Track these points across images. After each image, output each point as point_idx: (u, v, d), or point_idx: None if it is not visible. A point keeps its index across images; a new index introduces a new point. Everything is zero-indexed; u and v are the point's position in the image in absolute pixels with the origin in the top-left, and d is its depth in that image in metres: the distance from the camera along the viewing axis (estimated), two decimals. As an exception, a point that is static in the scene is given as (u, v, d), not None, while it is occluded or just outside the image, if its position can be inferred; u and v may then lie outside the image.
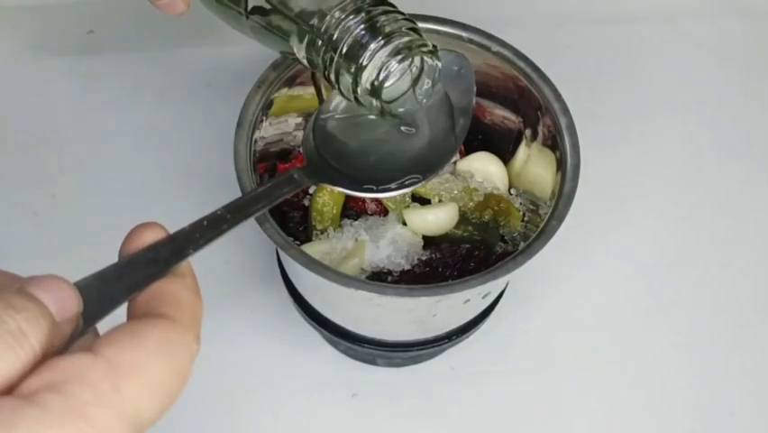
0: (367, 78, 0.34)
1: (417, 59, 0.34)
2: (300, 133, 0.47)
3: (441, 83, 0.37)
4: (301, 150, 0.47)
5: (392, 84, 0.34)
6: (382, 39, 0.33)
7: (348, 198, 0.45)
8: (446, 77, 0.38)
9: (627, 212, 0.55)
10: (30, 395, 0.21)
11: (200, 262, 0.54)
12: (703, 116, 0.59)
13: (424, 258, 0.43)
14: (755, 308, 0.52)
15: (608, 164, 0.55)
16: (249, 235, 0.52)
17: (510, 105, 0.45)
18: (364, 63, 0.33)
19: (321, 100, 0.45)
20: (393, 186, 0.37)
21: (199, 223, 0.30)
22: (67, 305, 0.24)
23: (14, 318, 0.22)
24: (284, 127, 0.46)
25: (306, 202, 0.46)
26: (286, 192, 0.34)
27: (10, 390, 0.21)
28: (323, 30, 0.34)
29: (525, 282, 0.50)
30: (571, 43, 0.61)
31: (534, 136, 0.44)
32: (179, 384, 0.25)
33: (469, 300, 0.41)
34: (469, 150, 0.47)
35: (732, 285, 0.53)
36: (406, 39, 0.33)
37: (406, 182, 0.37)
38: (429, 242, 0.44)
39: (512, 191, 0.46)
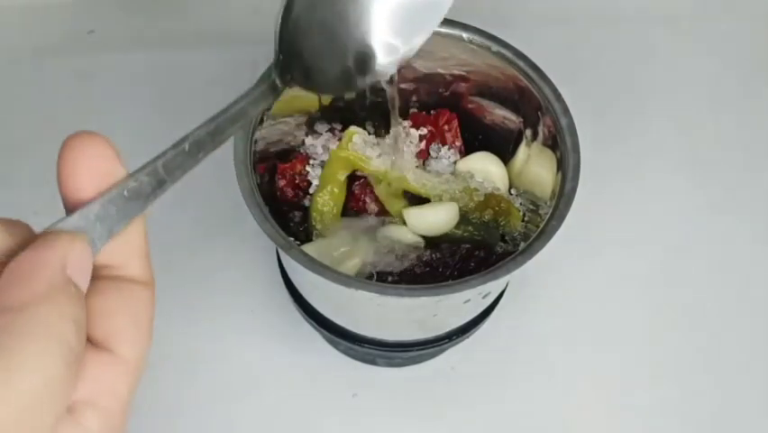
0: None
1: None
2: (300, 133, 0.47)
3: None
4: (302, 151, 0.47)
5: None
6: None
7: (348, 197, 0.45)
8: None
9: (627, 212, 0.55)
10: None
11: (200, 262, 0.55)
12: (703, 116, 0.59)
13: (424, 258, 0.43)
14: (756, 308, 0.52)
15: (608, 164, 0.55)
16: (249, 235, 0.52)
17: (510, 105, 0.45)
18: None
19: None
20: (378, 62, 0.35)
21: (176, 150, 0.28)
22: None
23: None
24: (284, 127, 0.46)
25: (307, 202, 0.46)
26: (262, 104, 0.32)
27: None
28: None
29: (525, 282, 0.50)
30: (571, 43, 0.61)
31: (534, 136, 0.44)
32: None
33: (469, 300, 0.41)
34: (469, 150, 0.47)
35: (732, 285, 0.53)
36: None
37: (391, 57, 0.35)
38: (429, 242, 0.44)
39: (512, 191, 0.46)
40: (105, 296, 0.25)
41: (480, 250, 0.44)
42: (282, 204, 0.46)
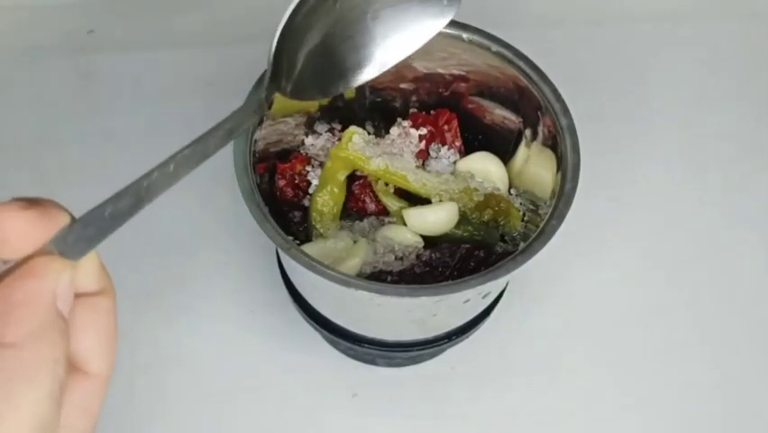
0: None
1: None
2: (300, 133, 0.47)
3: None
4: (302, 151, 0.47)
5: None
6: None
7: (348, 197, 0.45)
8: None
9: (627, 212, 0.55)
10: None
11: (200, 262, 0.55)
12: (703, 116, 0.59)
13: (424, 258, 0.43)
14: (756, 307, 0.52)
15: (608, 164, 0.55)
16: (249, 235, 0.52)
17: (510, 105, 0.45)
18: None
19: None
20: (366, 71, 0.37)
21: (162, 170, 0.29)
22: None
23: None
24: (284, 127, 0.46)
25: (306, 202, 0.46)
26: (248, 123, 0.33)
27: None
28: None
29: (525, 282, 0.50)
30: (571, 43, 0.61)
31: (534, 136, 0.44)
32: None
33: (469, 300, 0.41)
34: (469, 150, 0.47)
35: (733, 284, 0.53)
36: None
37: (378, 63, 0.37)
38: (429, 242, 0.44)
39: (512, 191, 0.46)
40: (73, 315, 0.25)
41: (480, 250, 0.44)
42: (282, 204, 0.46)
